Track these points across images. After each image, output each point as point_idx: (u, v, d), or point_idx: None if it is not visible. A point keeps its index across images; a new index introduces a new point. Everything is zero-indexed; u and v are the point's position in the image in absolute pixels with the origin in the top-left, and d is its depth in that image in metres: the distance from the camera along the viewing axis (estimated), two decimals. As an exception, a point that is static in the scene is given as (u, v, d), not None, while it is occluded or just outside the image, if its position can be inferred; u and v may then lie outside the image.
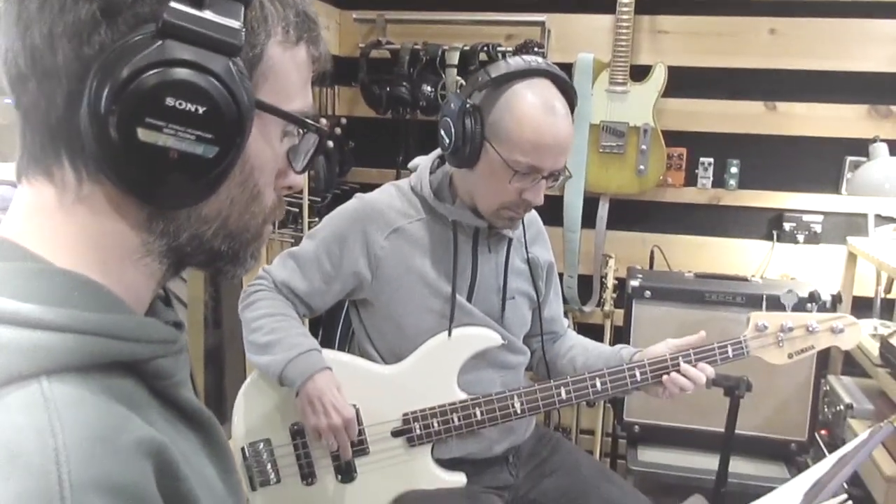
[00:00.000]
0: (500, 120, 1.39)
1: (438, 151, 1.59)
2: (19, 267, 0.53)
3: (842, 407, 2.24)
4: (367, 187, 1.84)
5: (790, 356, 1.50)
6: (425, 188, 1.53)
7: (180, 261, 0.62)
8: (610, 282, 2.65)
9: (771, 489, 2.34)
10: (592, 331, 2.61)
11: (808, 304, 2.18)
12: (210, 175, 0.56)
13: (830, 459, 1.07)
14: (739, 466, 2.26)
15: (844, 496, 0.83)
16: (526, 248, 1.61)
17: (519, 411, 1.49)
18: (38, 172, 0.57)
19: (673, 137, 2.64)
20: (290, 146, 0.66)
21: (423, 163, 1.58)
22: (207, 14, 0.54)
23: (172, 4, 0.53)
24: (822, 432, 2.35)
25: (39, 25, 0.53)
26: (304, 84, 0.65)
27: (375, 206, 1.54)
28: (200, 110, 0.54)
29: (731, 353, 1.49)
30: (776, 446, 2.32)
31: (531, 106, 1.37)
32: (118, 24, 0.53)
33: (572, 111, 1.44)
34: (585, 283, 2.82)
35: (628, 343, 2.34)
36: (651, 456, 2.38)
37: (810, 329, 1.49)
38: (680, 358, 1.47)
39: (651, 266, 2.69)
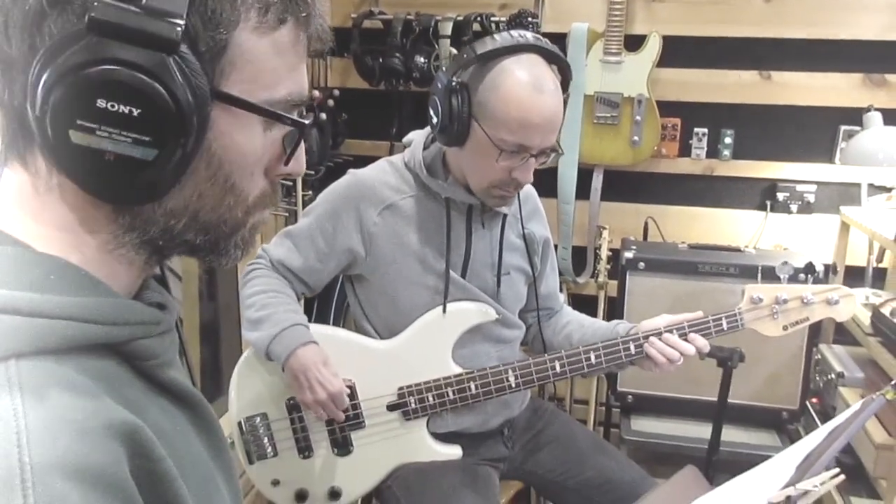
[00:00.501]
0: (487, 98, 1.37)
1: (432, 126, 1.58)
2: None
3: (833, 376, 2.26)
4: (361, 159, 1.82)
5: (785, 328, 1.50)
6: (418, 164, 1.52)
7: (159, 251, 0.61)
8: (604, 253, 2.65)
9: (762, 457, 2.37)
10: (586, 302, 2.62)
11: (801, 276, 2.18)
12: (159, 175, 0.54)
13: (822, 431, 1.08)
14: (731, 435, 2.29)
15: (836, 470, 0.84)
16: (522, 223, 1.60)
17: (513, 385, 1.50)
18: (14, 159, 0.57)
19: (667, 108, 2.62)
20: (285, 133, 0.63)
21: (416, 138, 1.57)
22: (139, 8, 0.51)
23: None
24: (814, 400, 2.37)
25: None
26: (290, 69, 0.61)
27: (368, 182, 1.53)
28: (135, 112, 0.52)
29: (725, 326, 1.49)
30: (768, 415, 2.35)
31: (517, 83, 1.35)
32: (67, 14, 0.51)
33: (566, 85, 1.42)
34: (579, 255, 2.82)
35: (622, 315, 2.37)
36: (644, 425, 2.41)
37: (805, 301, 1.49)
38: (674, 330, 1.48)
39: (645, 237, 2.69)
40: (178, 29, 0.51)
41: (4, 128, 0.56)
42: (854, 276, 2.55)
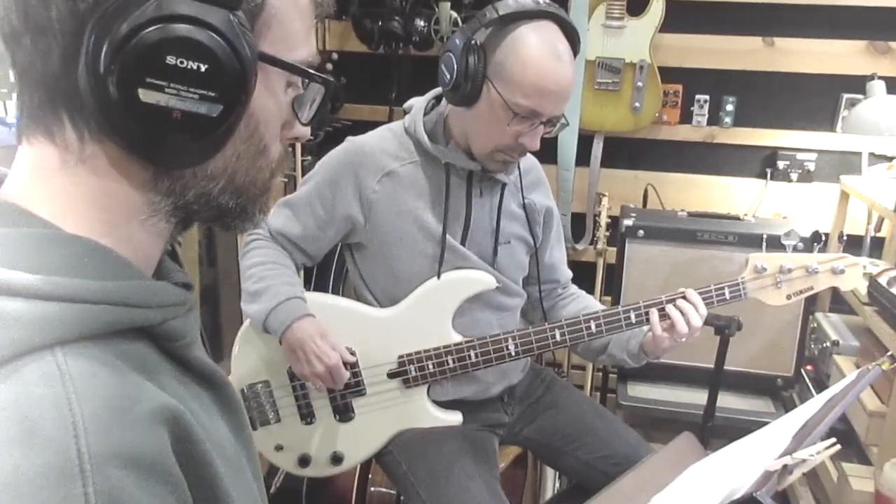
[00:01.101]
0: (505, 60, 1.36)
1: (433, 92, 1.56)
2: (27, 233, 0.52)
3: (828, 343, 2.28)
4: (360, 124, 1.80)
5: (789, 297, 1.50)
6: (419, 129, 1.51)
7: (188, 217, 0.62)
8: (603, 220, 2.65)
9: (757, 423, 2.39)
10: (585, 269, 2.63)
11: (795, 243, 2.17)
12: (215, 133, 0.56)
13: (819, 400, 1.10)
14: (726, 401, 2.31)
15: (832, 440, 0.86)
16: (522, 193, 1.60)
17: (513, 353, 1.51)
18: (39, 132, 0.56)
19: (669, 74, 2.61)
20: (294, 96, 0.65)
21: (417, 104, 1.56)
22: None
23: None
24: (808, 368, 2.40)
25: None
26: (307, 31, 0.63)
27: (366, 149, 1.52)
28: (202, 68, 0.53)
29: (728, 295, 1.50)
30: (763, 381, 2.37)
31: (537, 49, 1.35)
32: None
33: (575, 57, 1.41)
34: (578, 221, 2.83)
35: (621, 281, 2.38)
36: (640, 391, 2.43)
37: (810, 270, 1.48)
38: (676, 299, 1.48)
39: (644, 204, 2.69)
40: None
41: (25, 103, 0.55)
42: (852, 245, 2.56)
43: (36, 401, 0.46)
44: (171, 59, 0.52)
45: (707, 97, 2.65)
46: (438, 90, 1.53)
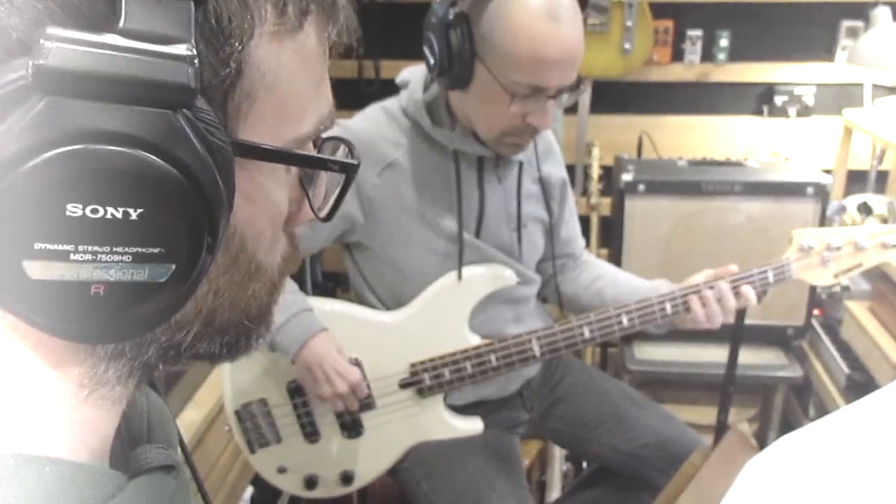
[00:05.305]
0: (492, 31, 1.14)
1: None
2: None
3: (838, 289, 2.19)
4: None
5: (836, 276, 1.37)
6: (419, 111, 1.30)
7: (154, 370, 0.42)
8: (595, 172, 2.50)
9: (769, 378, 2.28)
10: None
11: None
12: (171, 296, 0.35)
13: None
14: (739, 356, 2.22)
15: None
16: (538, 165, 1.42)
17: (538, 355, 1.35)
18: None
19: (658, 9, 2.41)
20: (300, 172, 0.46)
21: (414, 78, 1.33)
22: (121, 39, 0.30)
23: (51, 30, 0.29)
24: (816, 312, 2.31)
25: None
26: (318, 83, 0.42)
27: (363, 138, 1.30)
28: (133, 214, 0.32)
29: (772, 278, 1.36)
30: (774, 333, 2.28)
31: (527, 11, 1.11)
32: None
33: (584, 3, 1.20)
34: (568, 172, 2.65)
35: (620, 238, 2.24)
36: (649, 353, 2.32)
37: (859, 246, 1.35)
38: (714, 286, 1.34)
39: (639, 153, 2.53)
40: (192, 69, 0.32)
41: None
42: (855, 180, 2.46)
43: None
44: (74, 210, 0.31)
45: (699, 33, 2.46)
46: None
